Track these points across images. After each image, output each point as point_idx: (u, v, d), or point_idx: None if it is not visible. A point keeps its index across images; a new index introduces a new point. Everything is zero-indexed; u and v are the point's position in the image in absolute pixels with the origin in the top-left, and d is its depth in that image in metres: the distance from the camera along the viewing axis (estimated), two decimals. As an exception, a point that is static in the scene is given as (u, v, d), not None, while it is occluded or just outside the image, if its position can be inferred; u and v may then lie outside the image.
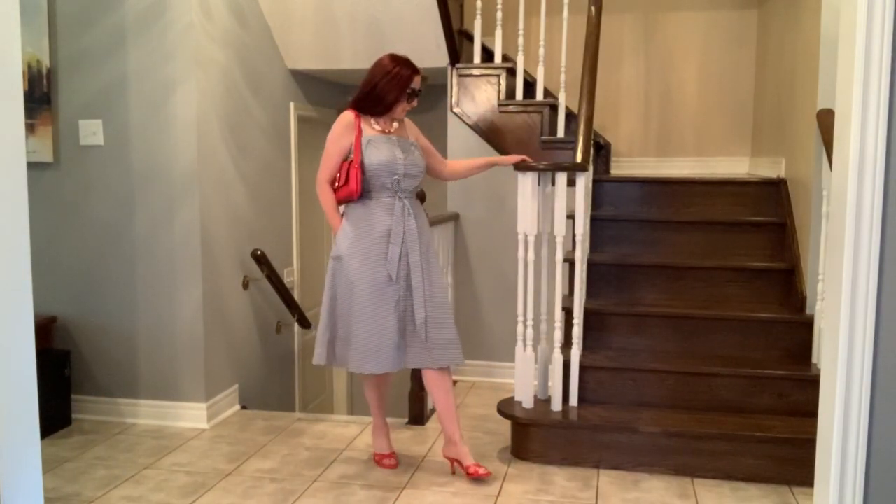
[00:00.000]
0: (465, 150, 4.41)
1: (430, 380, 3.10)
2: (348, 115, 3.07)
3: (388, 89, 3.01)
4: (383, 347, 2.98)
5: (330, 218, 3.08)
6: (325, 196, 3.06)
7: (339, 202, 3.08)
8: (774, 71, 4.43)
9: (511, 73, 4.43)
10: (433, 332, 3.02)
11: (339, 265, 3.04)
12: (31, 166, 3.52)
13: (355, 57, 4.41)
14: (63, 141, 3.70)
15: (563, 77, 4.30)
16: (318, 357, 3.10)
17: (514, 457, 3.34)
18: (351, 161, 3.01)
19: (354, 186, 2.99)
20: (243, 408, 4.04)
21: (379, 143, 3.03)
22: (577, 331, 3.39)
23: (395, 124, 3.12)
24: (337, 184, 3.04)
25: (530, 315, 3.41)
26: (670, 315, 3.63)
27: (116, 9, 3.57)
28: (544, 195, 3.36)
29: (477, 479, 3.07)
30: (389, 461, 3.24)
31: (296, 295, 4.71)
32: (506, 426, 3.48)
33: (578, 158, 3.30)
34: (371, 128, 3.07)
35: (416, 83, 3.06)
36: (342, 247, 3.03)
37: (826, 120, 3.16)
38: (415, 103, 3.09)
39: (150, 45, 3.57)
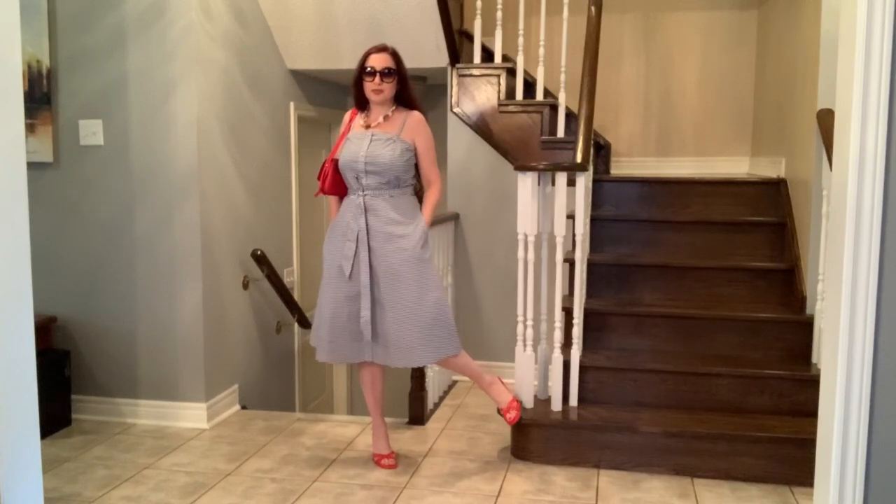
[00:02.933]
0: (465, 150, 4.41)
1: (444, 366, 3.23)
2: (347, 114, 3.18)
3: (355, 82, 3.10)
4: (337, 338, 3.09)
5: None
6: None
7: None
8: (774, 71, 4.43)
9: (511, 73, 4.43)
10: (392, 333, 3.01)
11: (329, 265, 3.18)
12: (31, 166, 3.52)
13: (355, 57, 4.32)
14: (63, 141, 3.70)
15: (563, 77, 4.30)
16: (311, 338, 3.26)
17: (514, 457, 3.34)
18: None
19: (321, 185, 3.14)
20: (243, 408, 4.04)
21: (352, 140, 3.08)
22: (577, 331, 3.39)
23: (381, 119, 3.09)
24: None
25: (530, 315, 3.41)
26: (670, 315, 3.63)
27: (116, 9, 3.57)
28: (544, 195, 3.36)
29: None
30: (388, 461, 3.24)
31: (296, 295, 4.71)
32: (506, 426, 3.48)
33: (578, 158, 3.30)
34: (358, 124, 3.13)
35: (373, 62, 3.03)
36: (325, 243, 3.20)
37: (826, 120, 3.16)
38: (377, 82, 3.01)
39: (150, 45, 3.57)
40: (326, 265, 3.14)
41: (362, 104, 3.13)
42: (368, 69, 3.03)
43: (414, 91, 3.17)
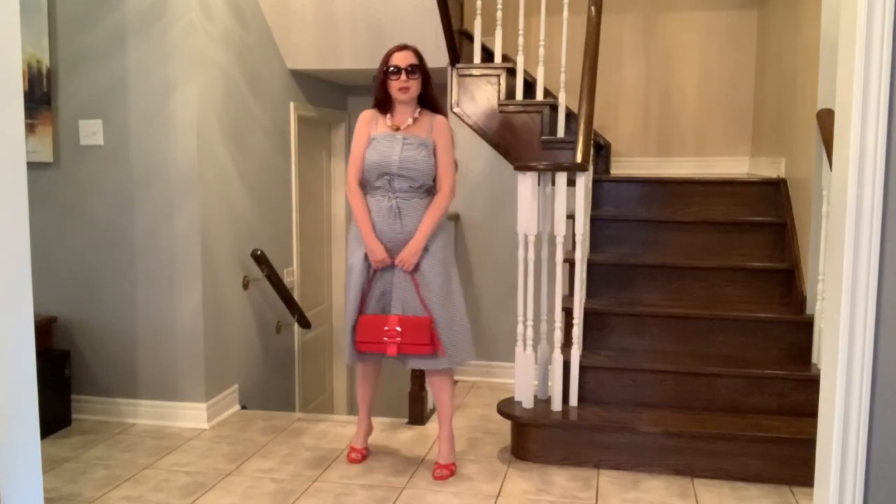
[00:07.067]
0: (465, 151, 4.40)
1: (429, 378, 3.19)
2: (365, 114, 3.09)
3: (378, 83, 3.04)
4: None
5: (357, 222, 3.05)
6: (353, 199, 3.06)
7: None
8: (774, 71, 4.43)
9: (511, 73, 4.42)
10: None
11: (348, 263, 3.14)
12: (31, 166, 3.52)
13: (355, 57, 4.41)
14: (63, 141, 3.70)
15: (563, 77, 4.30)
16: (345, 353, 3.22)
17: (514, 457, 3.34)
18: None
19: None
20: (243, 408, 4.04)
21: (379, 141, 3.02)
22: (577, 331, 3.39)
23: (410, 121, 3.04)
24: None
25: (530, 315, 3.41)
26: (670, 315, 3.63)
27: (116, 9, 3.57)
28: (544, 195, 3.36)
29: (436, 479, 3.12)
30: (356, 455, 3.28)
31: (296, 295, 4.71)
32: (506, 426, 3.48)
33: (578, 158, 3.30)
34: (384, 124, 3.06)
35: (397, 60, 2.98)
36: (349, 244, 3.14)
37: (826, 120, 3.16)
38: (403, 79, 2.96)
39: (150, 45, 3.57)
40: (355, 269, 3.08)
41: (384, 106, 3.07)
42: (392, 68, 2.97)
43: (436, 90, 3.12)
